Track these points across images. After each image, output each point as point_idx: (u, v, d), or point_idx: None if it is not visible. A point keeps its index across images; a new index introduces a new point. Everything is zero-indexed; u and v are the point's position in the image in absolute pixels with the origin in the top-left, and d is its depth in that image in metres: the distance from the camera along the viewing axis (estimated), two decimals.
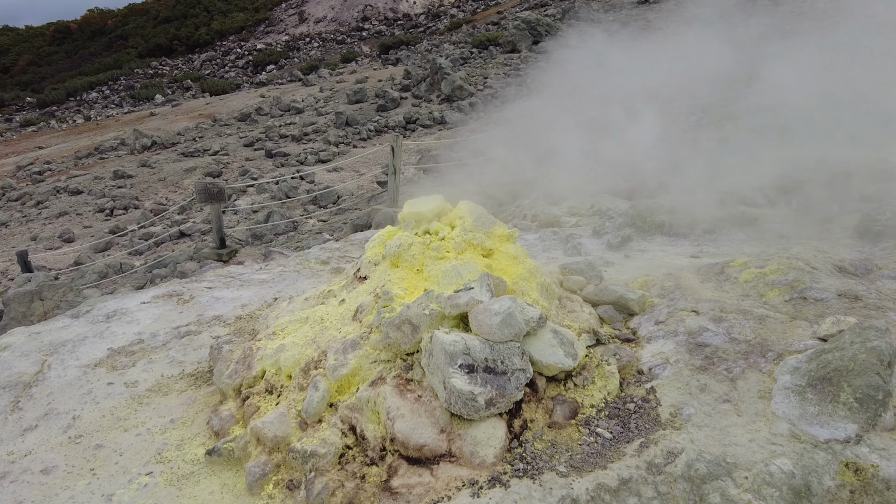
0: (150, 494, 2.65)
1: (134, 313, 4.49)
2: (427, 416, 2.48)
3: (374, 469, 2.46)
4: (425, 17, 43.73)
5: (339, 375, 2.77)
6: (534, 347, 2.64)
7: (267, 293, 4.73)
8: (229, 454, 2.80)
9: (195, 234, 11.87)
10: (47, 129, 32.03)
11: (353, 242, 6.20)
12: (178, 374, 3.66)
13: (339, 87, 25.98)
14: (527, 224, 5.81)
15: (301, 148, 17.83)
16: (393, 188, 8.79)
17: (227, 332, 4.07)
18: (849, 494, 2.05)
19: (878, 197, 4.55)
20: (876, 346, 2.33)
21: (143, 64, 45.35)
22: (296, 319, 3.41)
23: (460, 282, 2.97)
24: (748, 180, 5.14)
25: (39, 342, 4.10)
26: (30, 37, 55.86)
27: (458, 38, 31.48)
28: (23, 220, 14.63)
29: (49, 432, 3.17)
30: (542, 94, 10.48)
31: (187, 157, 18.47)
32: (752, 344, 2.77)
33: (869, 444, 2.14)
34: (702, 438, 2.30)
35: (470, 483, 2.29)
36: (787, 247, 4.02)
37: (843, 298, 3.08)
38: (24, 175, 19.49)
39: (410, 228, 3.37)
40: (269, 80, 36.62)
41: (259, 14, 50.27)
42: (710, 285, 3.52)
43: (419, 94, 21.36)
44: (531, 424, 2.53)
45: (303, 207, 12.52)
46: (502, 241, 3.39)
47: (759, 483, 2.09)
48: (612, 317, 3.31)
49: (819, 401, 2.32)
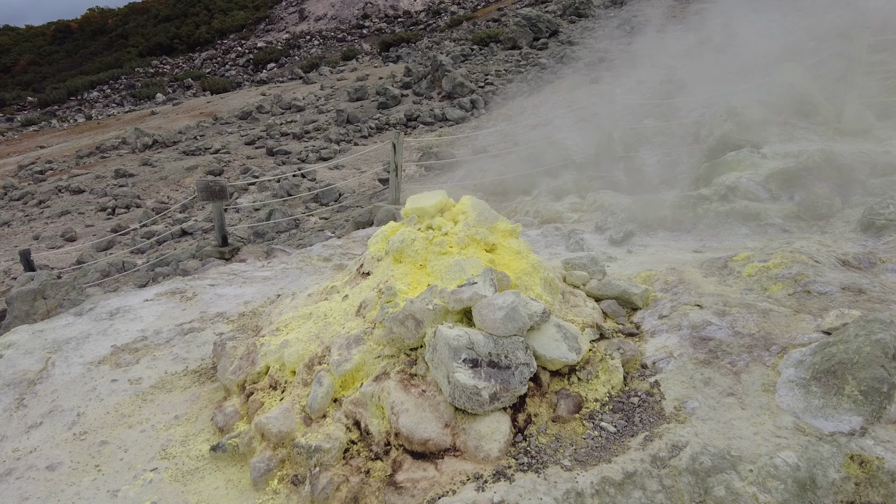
0: (154, 490, 2.66)
1: (137, 311, 4.49)
2: (431, 411, 2.48)
3: (379, 464, 2.46)
4: (426, 14, 43.64)
5: (342, 371, 2.78)
6: (537, 342, 2.64)
7: (270, 290, 4.74)
8: (234, 450, 2.80)
9: (197, 232, 11.88)
10: (48, 128, 32.04)
11: (354, 239, 6.20)
12: (182, 371, 3.66)
13: (340, 84, 25.95)
14: (529, 220, 5.81)
15: (302, 146, 17.83)
16: (394, 185, 8.79)
17: (230, 329, 4.07)
18: (854, 487, 2.05)
19: (881, 191, 4.54)
20: (880, 338, 2.32)
21: (143, 63, 45.32)
22: (299, 315, 3.42)
23: (463, 277, 2.97)
24: (750, 174, 5.13)
25: (43, 340, 4.10)
26: (31, 36, 55.85)
27: (458, 35, 31.42)
28: (25, 219, 14.65)
29: (54, 429, 3.17)
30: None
31: (188, 156, 18.47)
32: (755, 337, 2.76)
33: (874, 437, 2.14)
34: (706, 432, 2.30)
35: (474, 477, 2.29)
36: (791, 241, 4.01)
37: (847, 292, 3.07)
38: (26, 174, 19.50)
39: (413, 224, 3.37)
40: (269, 79, 36.59)
41: (259, 12, 50.20)
42: (714, 279, 3.52)
43: (420, 92, 21.34)
44: (535, 419, 2.53)
45: (304, 205, 12.52)
46: (505, 237, 3.38)
47: (763, 476, 2.08)
48: (615, 311, 3.30)
49: (823, 394, 2.31)
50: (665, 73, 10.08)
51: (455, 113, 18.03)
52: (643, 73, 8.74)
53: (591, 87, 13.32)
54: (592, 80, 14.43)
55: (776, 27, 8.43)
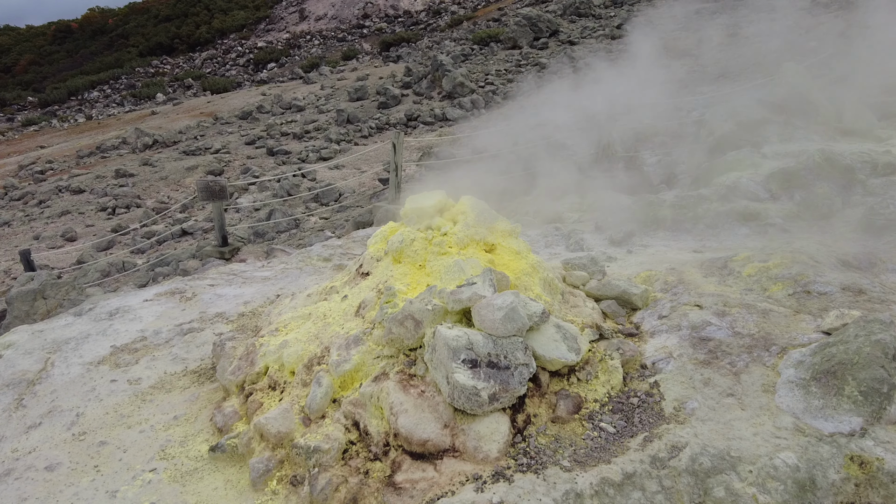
0: (153, 491, 2.66)
1: (137, 311, 4.49)
2: (430, 412, 2.48)
3: (378, 464, 2.46)
4: (426, 14, 43.62)
5: (342, 371, 2.77)
6: (537, 342, 2.63)
7: (269, 290, 4.73)
8: (233, 450, 2.80)
9: (197, 232, 11.88)
10: (49, 128, 32.05)
11: (354, 239, 6.20)
12: (182, 371, 3.66)
13: (340, 84, 25.95)
14: (529, 220, 5.80)
15: (302, 146, 17.83)
16: (394, 185, 8.78)
17: (229, 329, 4.07)
18: (854, 488, 2.04)
19: (881, 191, 4.53)
20: (880, 339, 2.32)
21: (144, 62, 45.31)
22: (298, 316, 3.41)
23: (463, 277, 2.96)
24: (751, 174, 5.12)
25: (43, 340, 4.10)
26: (31, 36, 55.85)
27: (458, 35, 31.41)
28: (25, 219, 14.65)
29: (53, 429, 3.17)
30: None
31: (189, 156, 18.48)
32: (755, 338, 2.76)
33: (874, 438, 2.13)
34: (706, 432, 2.30)
35: (474, 478, 2.29)
36: (791, 241, 4.01)
37: (847, 292, 3.06)
38: (27, 174, 19.51)
39: (413, 224, 3.37)
40: (270, 78, 36.60)
41: (260, 12, 50.19)
42: (714, 280, 3.51)
43: (420, 91, 21.33)
44: (535, 419, 2.52)
45: (304, 205, 12.52)
46: (505, 237, 3.38)
47: (763, 477, 2.08)
48: (615, 311, 3.30)
49: (823, 394, 2.31)
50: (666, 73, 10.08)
51: (455, 113, 18.03)
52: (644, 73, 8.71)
53: (592, 87, 13.30)
54: (593, 79, 14.40)
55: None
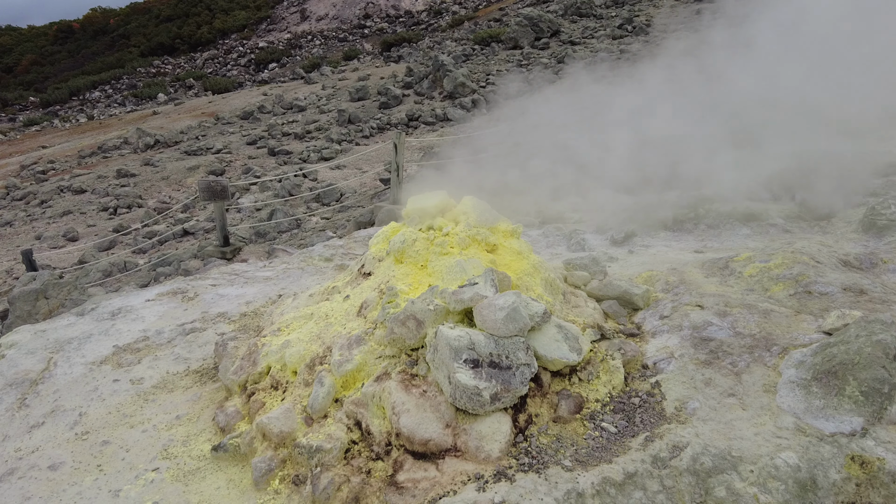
0: (156, 490, 2.67)
1: (139, 311, 4.50)
2: (432, 411, 2.48)
3: (380, 464, 2.46)
4: (427, 14, 43.64)
5: (344, 371, 2.78)
6: (538, 342, 2.64)
7: (271, 290, 4.74)
8: (235, 450, 2.81)
9: (199, 232, 11.90)
10: (50, 128, 32.09)
11: (356, 240, 6.20)
12: (184, 371, 3.67)
13: (342, 84, 25.96)
14: (530, 220, 5.80)
15: (304, 146, 17.84)
16: (395, 185, 8.79)
17: (231, 329, 4.08)
18: (854, 487, 2.05)
19: (882, 191, 4.54)
20: (881, 339, 2.32)
21: (145, 63, 45.38)
22: (300, 316, 3.42)
23: (464, 277, 2.97)
24: (752, 175, 5.13)
25: (45, 340, 4.11)
26: (33, 36, 55.95)
27: (460, 35, 31.43)
28: (27, 219, 14.68)
29: (56, 429, 3.18)
30: None
31: (190, 156, 18.49)
32: (756, 338, 2.76)
33: (875, 438, 2.14)
34: (707, 432, 2.30)
35: (475, 477, 2.29)
36: (792, 241, 4.01)
37: (849, 292, 3.07)
38: (28, 174, 19.54)
39: (414, 224, 3.37)
40: (271, 79, 36.63)
41: (261, 12, 50.24)
42: (715, 280, 3.52)
43: (421, 92, 21.34)
44: (536, 419, 2.53)
45: (306, 205, 12.53)
46: (506, 237, 3.39)
47: (764, 476, 2.09)
48: (616, 312, 3.30)
49: (824, 394, 2.31)
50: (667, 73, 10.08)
51: (456, 113, 18.03)
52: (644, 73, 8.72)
53: (593, 87, 13.31)
54: (594, 79, 14.41)
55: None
